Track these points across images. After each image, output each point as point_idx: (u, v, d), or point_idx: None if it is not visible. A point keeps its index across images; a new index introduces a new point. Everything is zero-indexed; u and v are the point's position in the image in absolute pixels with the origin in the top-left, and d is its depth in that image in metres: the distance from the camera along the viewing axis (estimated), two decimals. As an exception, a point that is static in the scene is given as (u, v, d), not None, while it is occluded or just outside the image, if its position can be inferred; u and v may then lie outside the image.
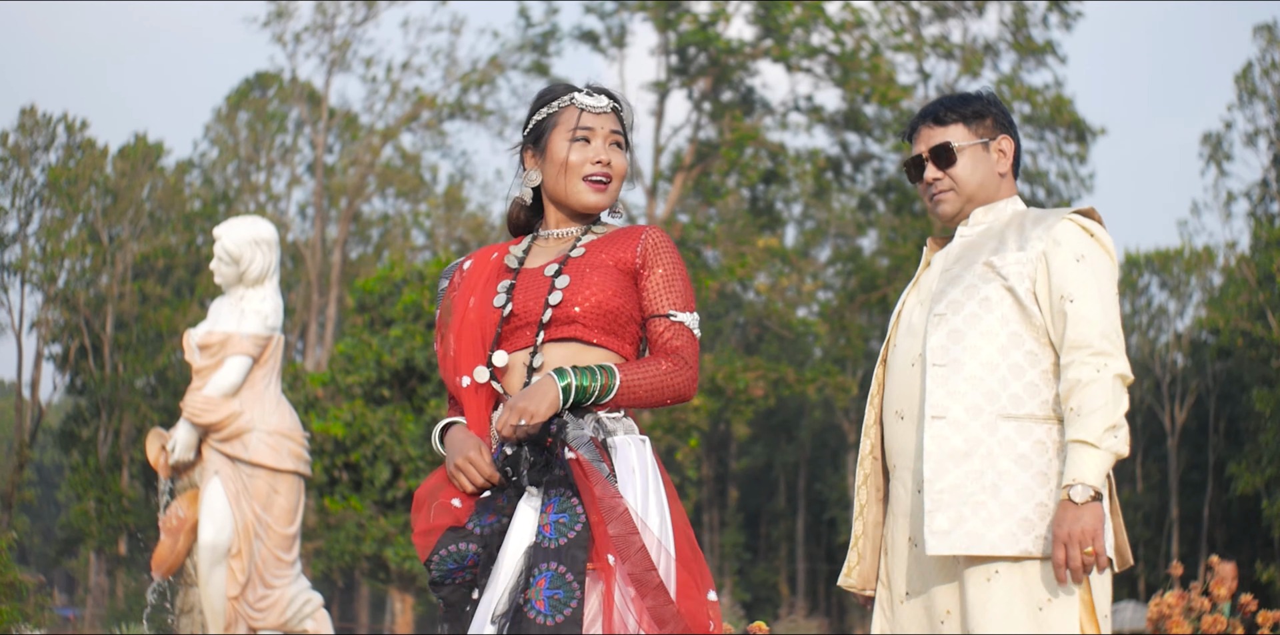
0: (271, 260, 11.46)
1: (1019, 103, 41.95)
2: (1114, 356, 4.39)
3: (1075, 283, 4.45)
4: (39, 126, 54.81)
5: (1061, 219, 4.57)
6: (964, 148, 4.72)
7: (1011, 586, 4.33)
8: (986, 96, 4.86)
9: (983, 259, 4.58)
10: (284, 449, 11.12)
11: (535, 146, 4.37)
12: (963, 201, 4.76)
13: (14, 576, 12.17)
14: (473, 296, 4.25)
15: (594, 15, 43.80)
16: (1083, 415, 4.30)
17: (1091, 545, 4.20)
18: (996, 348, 4.49)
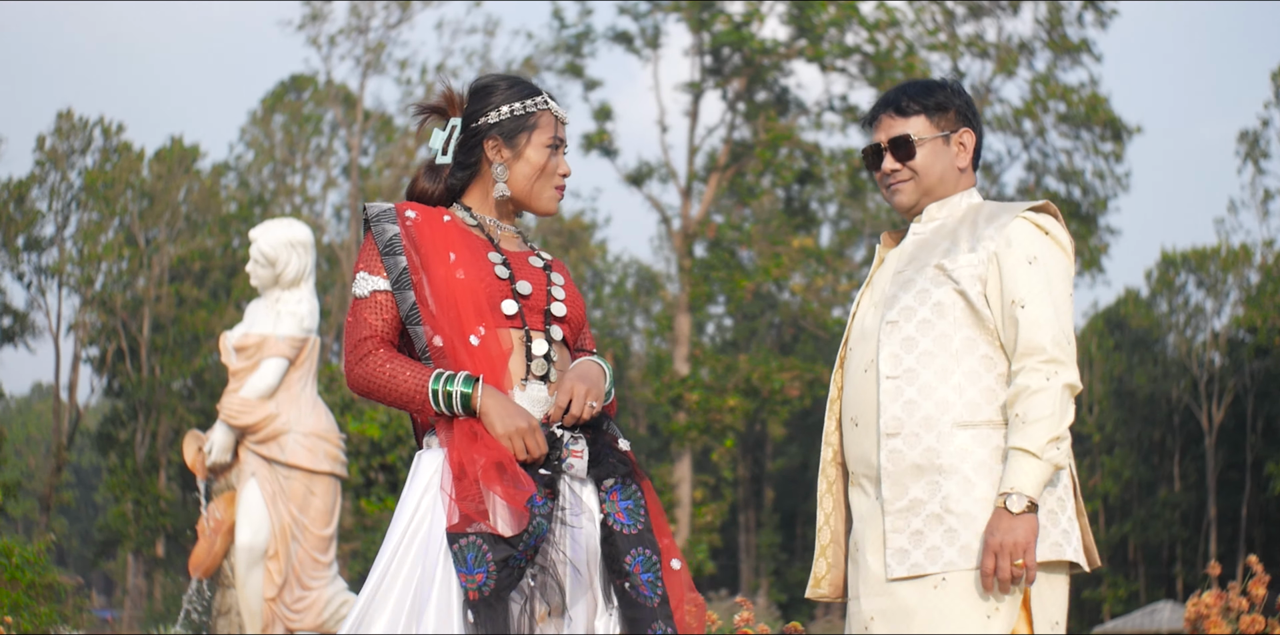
0: (307, 262, 11.49)
1: (1054, 101, 41.85)
2: (1065, 365, 4.28)
3: (1026, 287, 4.33)
4: (76, 130, 55.03)
5: (1015, 217, 4.44)
6: (924, 140, 4.60)
7: (960, 594, 4.23)
8: (951, 87, 4.72)
9: (935, 260, 4.45)
10: (320, 451, 11.15)
11: (505, 142, 4.32)
12: (919, 194, 4.62)
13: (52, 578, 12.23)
14: (452, 253, 4.18)
15: (628, 16, 43.78)
16: (1027, 423, 4.19)
17: (1022, 557, 4.10)
18: (950, 354, 4.37)
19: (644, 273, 61.60)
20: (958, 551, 4.22)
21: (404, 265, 4.17)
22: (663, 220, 44.77)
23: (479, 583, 3.88)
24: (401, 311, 4.16)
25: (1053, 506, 4.30)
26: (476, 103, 4.36)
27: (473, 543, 3.91)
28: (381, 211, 4.27)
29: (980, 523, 4.22)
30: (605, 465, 4.14)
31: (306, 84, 54.37)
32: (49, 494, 52.28)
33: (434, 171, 4.42)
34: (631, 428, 53.57)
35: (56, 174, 54.54)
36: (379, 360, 4.12)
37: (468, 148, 4.35)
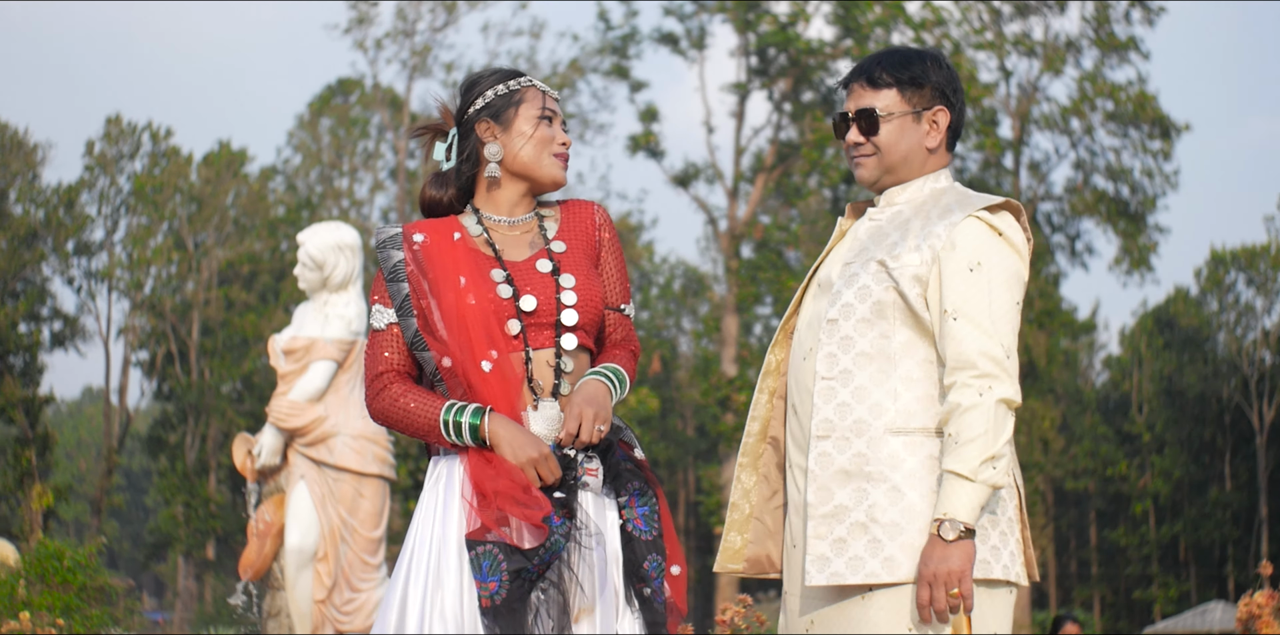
0: (355, 265, 11.52)
1: (1102, 100, 41.69)
2: (999, 379, 4.05)
3: (963, 296, 4.12)
4: (124, 135, 55.29)
5: (967, 216, 4.21)
6: (891, 116, 4.34)
7: (888, 607, 4.08)
8: (931, 59, 4.43)
9: (879, 256, 4.23)
10: (369, 453, 11.17)
11: (496, 121, 4.31)
12: (881, 171, 4.38)
13: (104, 581, 12.28)
14: (462, 277, 4.17)
15: (673, 17, 43.78)
16: (960, 444, 4.00)
17: (958, 587, 3.94)
18: (887, 357, 4.18)
19: (691, 274, 61.58)
20: (880, 563, 4.06)
21: (405, 292, 4.19)
22: (709, 221, 44.76)
23: (491, 591, 3.91)
24: (406, 339, 4.19)
25: (982, 523, 4.11)
26: (464, 98, 4.37)
27: (489, 551, 3.94)
28: (388, 238, 4.27)
29: (907, 534, 4.06)
30: (622, 477, 4.17)
31: (353, 87, 54.51)
32: (100, 497, 52.53)
33: (440, 179, 4.42)
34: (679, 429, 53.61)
35: (106, 179, 54.82)
36: (394, 394, 4.17)
37: (465, 139, 4.36)
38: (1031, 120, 42.31)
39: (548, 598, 3.96)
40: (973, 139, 41.97)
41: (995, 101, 41.89)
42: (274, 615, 11.17)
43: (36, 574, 11.79)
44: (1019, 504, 4.24)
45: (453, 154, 4.36)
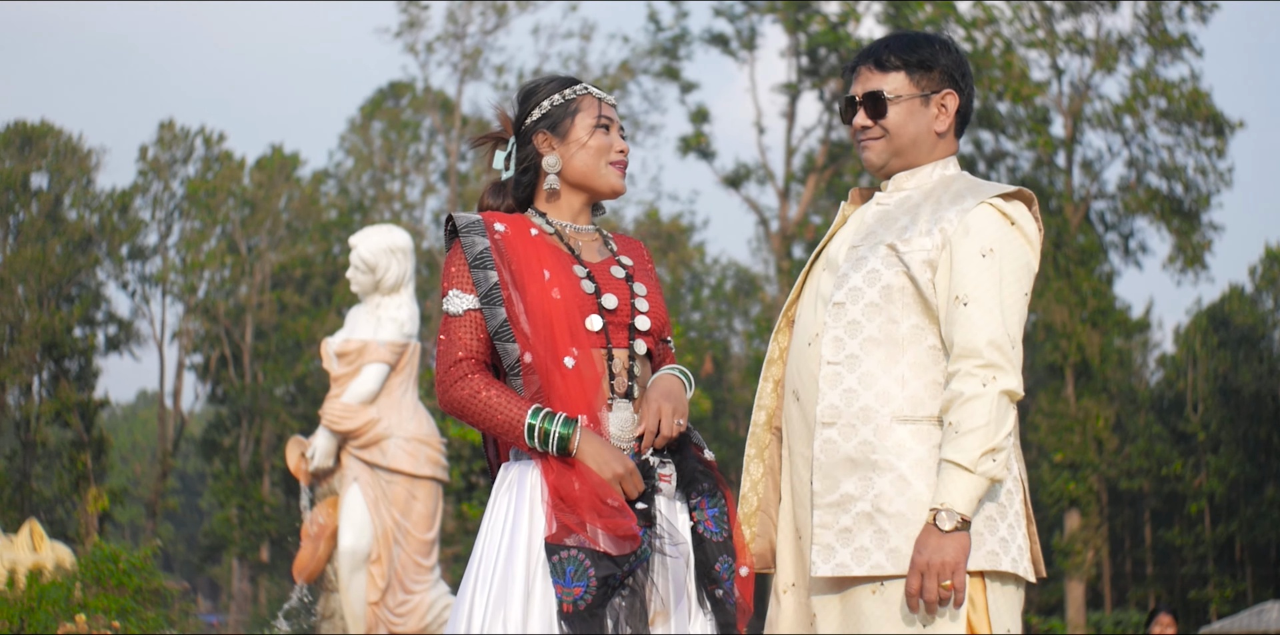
0: (407, 268, 11.53)
1: (1155, 97, 41.46)
2: (1004, 370, 3.98)
3: (973, 282, 4.04)
4: (178, 140, 55.58)
5: (980, 202, 4.14)
6: (900, 99, 4.28)
7: (898, 600, 3.99)
8: (941, 43, 4.36)
9: (889, 239, 4.16)
10: (422, 455, 11.18)
11: (553, 132, 4.28)
12: (890, 154, 4.32)
13: (159, 583, 12.33)
14: (546, 270, 4.13)
15: (723, 18, 43.77)
16: (960, 434, 3.93)
17: (950, 578, 3.86)
18: (895, 343, 4.10)
19: (742, 274, 61.49)
20: (886, 555, 4.00)
21: (494, 281, 4.13)
22: (761, 222, 44.72)
23: (576, 596, 3.86)
24: (490, 328, 4.12)
25: (991, 514, 4.04)
26: (521, 108, 4.35)
27: (573, 557, 3.89)
28: (470, 223, 4.21)
29: (914, 525, 3.98)
30: (694, 481, 4.15)
31: (404, 91, 54.62)
32: (155, 500, 52.78)
33: (498, 189, 4.39)
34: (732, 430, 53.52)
35: (159, 183, 55.10)
36: (475, 385, 4.09)
37: (523, 150, 4.33)
38: (1084, 118, 42.10)
39: (626, 603, 3.92)
40: (1025, 137, 41.81)
41: (1048, 100, 41.71)
42: (328, 617, 11.19)
43: (92, 577, 11.85)
44: (1024, 498, 4.17)
45: (511, 163, 4.34)
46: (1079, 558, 38.77)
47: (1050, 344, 40.91)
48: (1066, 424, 39.46)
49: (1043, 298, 39.82)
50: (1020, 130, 42.11)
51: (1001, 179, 43.71)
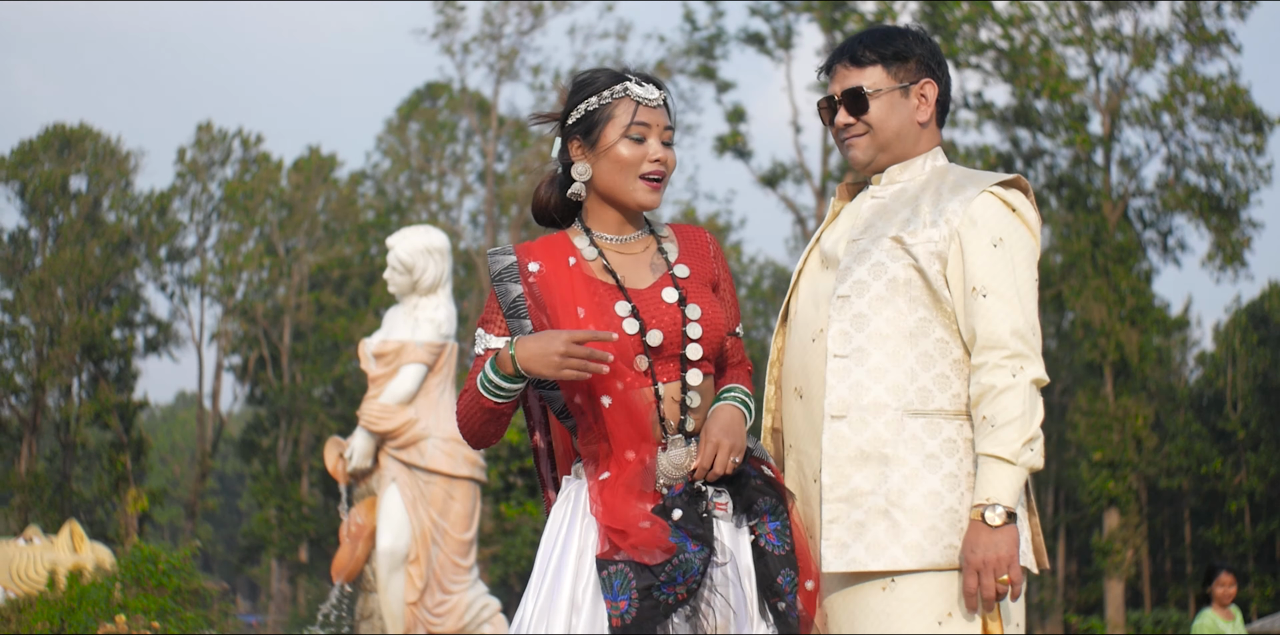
0: (444, 269, 11.55)
1: (1193, 94, 41.28)
2: (1030, 359, 3.98)
3: (989, 273, 4.04)
4: (215, 142, 55.76)
5: (981, 192, 4.13)
6: (879, 93, 4.25)
7: (911, 598, 3.96)
8: (913, 34, 4.37)
9: (892, 232, 4.13)
10: (459, 455, 11.20)
11: (585, 139, 4.12)
12: (876, 150, 4.28)
13: (198, 584, 12.35)
14: (581, 308, 3.99)
15: (759, 17, 43.73)
16: (997, 427, 3.91)
17: (1007, 573, 3.85)
18: (904, 335, 4.07)
19: (780, 274, 61.43)
20: (902, 549, 3.96)
21: (529, 329, 4.02)
22: (798, 221, 44.66)
23: (622, 610, 3.83)
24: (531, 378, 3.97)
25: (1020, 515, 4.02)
26: (568, 102, 4.21)
27: (620, 571, 3.85)
28: (504, 269, 4.09)
29: (927, 520, 3.96)
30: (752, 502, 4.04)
31: (441, 92, 54.70)
32: (194, 501, 52.96)
33: (554, 180, 4.26)
34: (770, 429, 53.43)
35: (197, 185, 55.29)
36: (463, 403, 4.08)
37: (562, 152, 4.20)
38: (1122, 116, 41.95)
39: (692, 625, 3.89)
40: (1063, 135, 41.68)
41: (1085, 97, 41.57)
42: (366, 617, 11.21)
43: (132, 577, 11.87)
44: (1028, 490, 4.14)
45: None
46: (1118, 557, 38.63)
47: (1089, 342, 40.78)
48: (1105, 423, 39.31)
49: (1081, 296, 39.71)
50: (1058, 128, 41.97)
51: (1040, 177, 43.62)
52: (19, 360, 50.07)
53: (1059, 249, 43.71)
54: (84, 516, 47.34)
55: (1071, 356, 46.35)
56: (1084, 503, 41.39)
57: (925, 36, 4.39)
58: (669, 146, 4.22)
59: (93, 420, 50.04)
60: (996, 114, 42.83)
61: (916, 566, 3.95)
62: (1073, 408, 41.83)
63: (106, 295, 52.19)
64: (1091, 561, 42.28)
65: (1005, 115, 42.78)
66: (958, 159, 41.99)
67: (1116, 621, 38.44)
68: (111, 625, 11.20)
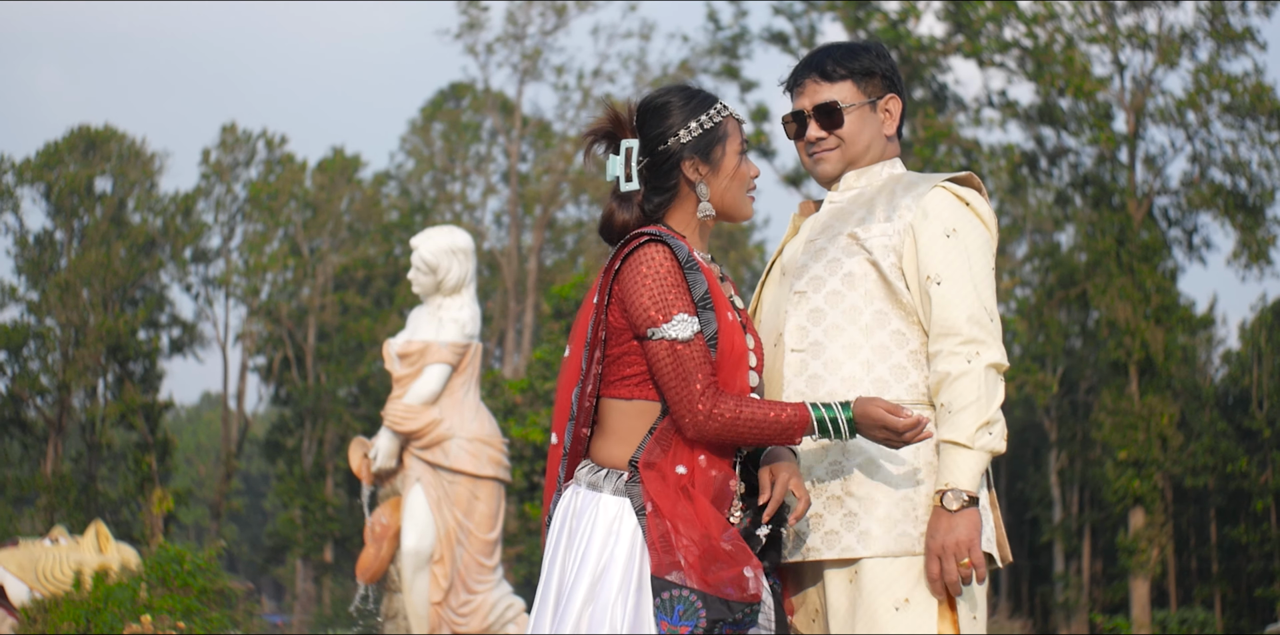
0: (468, 269, 11.54)
1: (1218, 92, 41.19)
2: (986, 344, 4.02)
3: (943, 262, 4.08)
4: (240, 143, 55.84)
5: (934, 186, 4.21)
6: (852, 108, 4.32)
7: (870, 586, 3.99)
8: (875, 50, 4.41)
9: (848, 229, 4.20)
10: (484, 455, 11.20)
11: (704, 159, 4.09)
12: (845, 163, 4.36)
13: (224, 584, 12.38)
14: (730, 313, 3.99)
15: (783, 16, 43.68)
16: (954, 413, 3.96)
17: (968, 556, 3.88)
18: (860, 328, 4.11)
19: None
20: (856, 538, 4.00)
21: (715, 325, 3.96)
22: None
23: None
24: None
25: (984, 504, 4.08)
26: (658, 123, 4.11)
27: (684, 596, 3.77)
28: (688, 258, 3.97)
29: (881, 508, 4.00)
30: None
31: (465, 92, 54.76)
32: (219, 501, 53.04)
33: (625, 200, 4.12)
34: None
35: (222, 186, 55.38)
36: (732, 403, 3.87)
37: (663, 172, 4.10)
38: (1146, 114, 41.86)
39: None
40: (1087, 133, 41.59)
41: (1109, 95, 41.48)
42: (391, 617, 11.22)
43: (157, 577, 11.90)
44: (989, 483, 4.17)
45: (633, 174, 4.10)
46: (1144, 556, 38.55)
47: (1114, 341, 40.70)
48: (1130, 421, 39.23)
49: (1106, 294, 39.63)
50: (1082, 126, 41.89)
51: (1065, 176, 43.56)
52: (45, 361, 50.20)
53: (1084, 247, 43.65)
54: (109, 517, 47.45)
55: (1096, 355, 46.24)
56: (1109, 502, 41.27)
57: (885, 52, 4.46)
58: None
59: (118, 421, 50.14)
60: (1021, 112, 42.76)
61: (869, 554, 3.99)
62: (1098, 406, 41.73)
63: (132, 296, 52.30)
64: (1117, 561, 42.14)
65: (1029, 113, 42.71)
66: (981, 158, 41.95)
67: (1142, 621, 38.34)
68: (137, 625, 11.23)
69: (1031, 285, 50.37)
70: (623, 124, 4.14)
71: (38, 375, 49.69)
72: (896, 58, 42.86)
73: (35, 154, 52.73)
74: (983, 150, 42.28)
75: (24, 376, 49.45)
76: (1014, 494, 56.71)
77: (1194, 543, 55.76)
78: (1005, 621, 37.36)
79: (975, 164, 42.36)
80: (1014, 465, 57.11)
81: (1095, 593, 48.25)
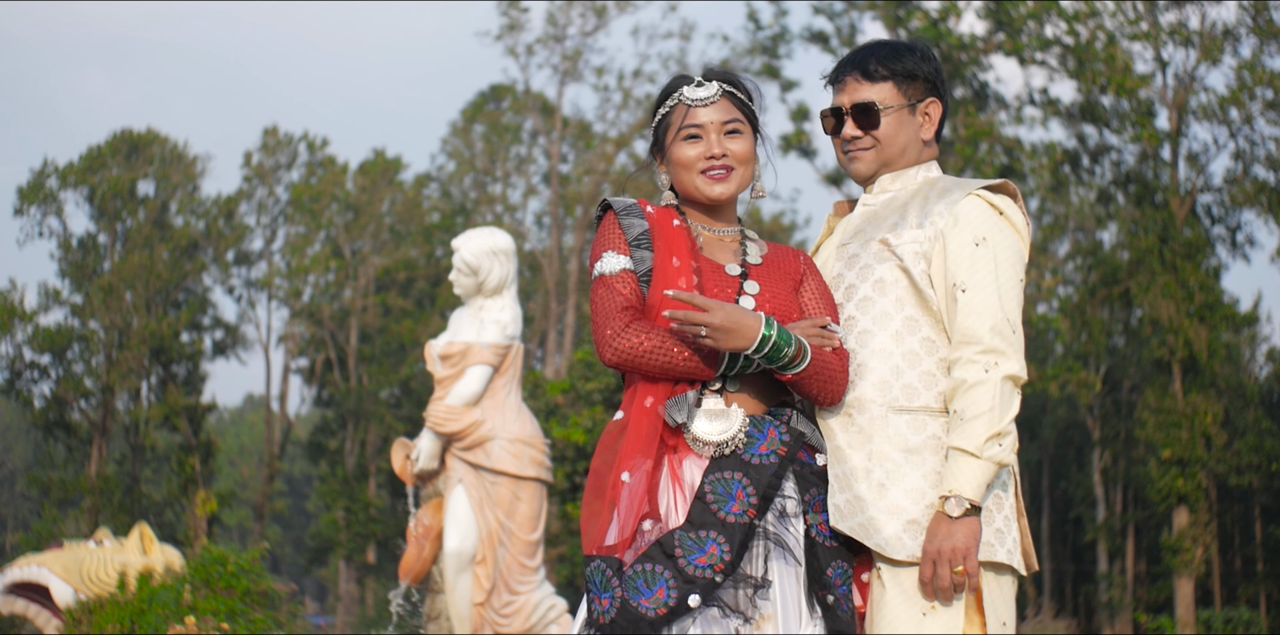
0: (509, 270, 11.55)
1: (1261, 88, 40.99)
2: (1005, 355, 4.01)
3: (970, 270, 4.08)
4: (281, 145, 56.00)
5: (967, 194, 4.20)
6: (890, 109, 4.33)
7: (894, 590, 3.99)
8: (920, 52, 4.44)
9: (880, 235, 4.21)
10: (526, 456, 11.20)
11: (661, 152, 4.35)
12: (879, 164, 4.38)
13: (267, 585, 12.40)
14: (675, 258, 4.17)
15: (823, 16, 43.60)
16: (965, 421, 3.95)
17: (962, 564, 3.87)
18: (891, 334, 4.13)
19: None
20: (882, 542, 4.00)
21: (649, 264, 4.17)
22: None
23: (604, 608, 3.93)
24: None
25: (988, 505, 4.04)
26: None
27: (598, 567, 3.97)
28: (628, 206, 4.28)
29: (908, 514, 4.00)
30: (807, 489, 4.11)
31: (505, 93, 54.80)
32: (262, 503, 53.20)
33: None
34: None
35: (264, 189, 55.54)
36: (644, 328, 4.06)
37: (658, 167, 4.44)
38: (1189, 111, 41.68)
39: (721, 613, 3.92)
40: (1129, 131, 41.43)
41: (1152, 93, 41.32)
42: (434, 618, 11.23)
43: (201, 579, 11.94)
44: (1016, 491, 4.17)
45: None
46: (1188, 555, 38.38)
47: (1157, 339, 40.54)
48: (1174, 420, 39.06)
49: (1149, 292, 39.48)
50: (1124, 124, 41.72)
51: (1107, 174, 43.40)
52: (89, 364, 50.40)
53: (1126, 245, 43.48)
54: (153, 519, 47.64)
55: (1140, 354, 46.04)
56: (1153, 501, 41.11)
57: (931, 55, 4.45)
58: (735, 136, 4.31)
59: (162, 423, 50.34)
60: (1062, 110, 42.61)
61: (899, 557, 3.98)
62: (1141, 405, 41.55)
63: (175, 299, 52.49)
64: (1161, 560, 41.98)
65: (1071, 111, 42.56)
66: (1022, 156, 41.83)
67: (1186, 620, 38.18)
68: (181, 627, 11.26)
69: (1074, 283, 50.19)
70: None
71: (82, 378, 49.90)
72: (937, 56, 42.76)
73: (78, 158, 52.96)
74: (1024, 148, 42.14)
75: (68, 379, 49.66)
76: (1057, 493, 56.54)
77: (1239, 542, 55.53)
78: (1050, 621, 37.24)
79: (1016, 162, 42.24)
80: (1057, 465, 56.95)
81: (1139, 592, 48.07)
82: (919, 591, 3.97)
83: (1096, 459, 49.80)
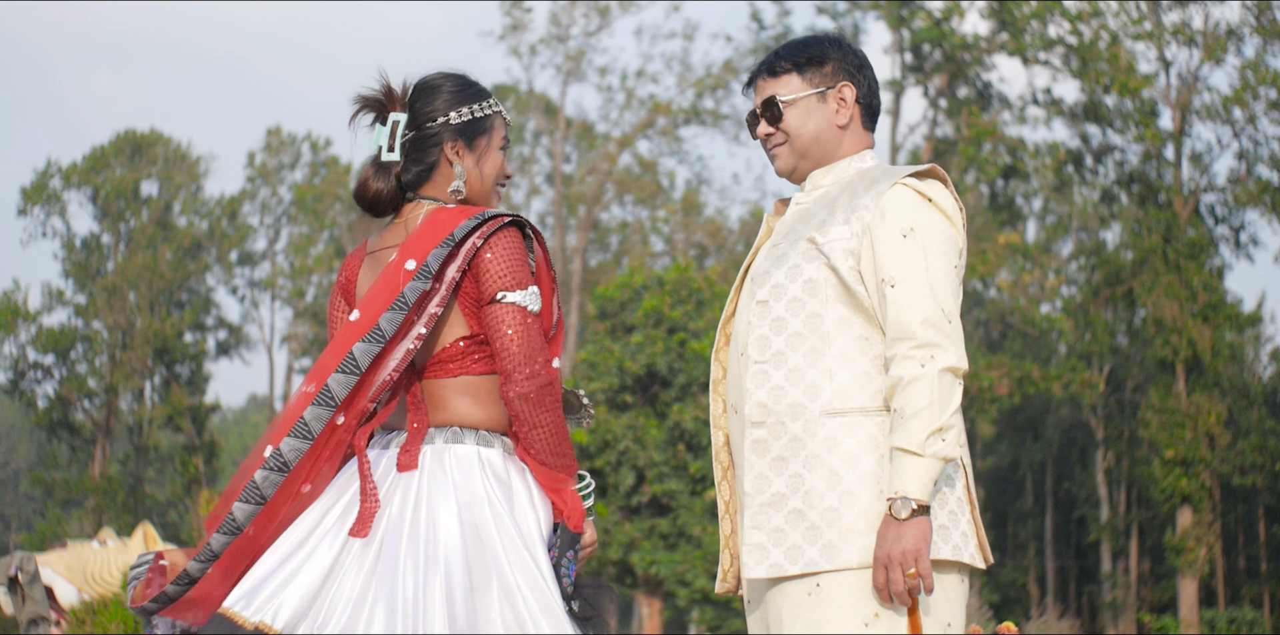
0: (512, 269, 11.53)
1: (1265, 88, 40.99)
2: (941, 347, 3.88)
3: (899, 263, 3.95)
4: (284, 146, 56.02)
5: (893, 184, 4.05)
6: (794, 100, 4.23)
7: (836, 600, 3.88)
8: (829, 39, 4.31)
9: (808, 234, 4.07)
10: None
11: (466, 144, 4.31)
12: (797, 156, 4.26)
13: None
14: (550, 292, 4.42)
15: (826, 16, 43.64)
16: (905, 419, 3.83)
17: (914, 566, 3.76)
18: (821, 335, 4.00)
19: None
20: (819, 551, 3.89)
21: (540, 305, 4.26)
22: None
23: None
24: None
25: (953, 507, 3.96)
26: (426, 102, 4.31)
27: None
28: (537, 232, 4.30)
29: (845, 518, 3.89)
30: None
31: (508, 93, 54.81)
32: (267, 503, 53.16)
33: (383, 169, 4.31)
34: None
35: (267, 189, 55.59)
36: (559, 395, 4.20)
37: (425, 148, 4.29)
38: (1192, 111, 41.69)
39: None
40: (1133, 130, 41.43)
41: (1155, 92, 41.31)
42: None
43: (205, 579, 11.93)
44: (966, 484, 4.06)
45: (395, 146, 4.30)
46: (1192, 555, 38.40)
47: (1160, 339, 40.53)
48: (1178, 420, 39.07)
49: (1152, 292, 39.48)
50: (1128, 123, 41.74)
51: (1110, 174, 43.40)
52: (92, 364, 50.45)
53: (1130, 245, 43.47)
54: (157, 519, 47.67)
55: (1143, 353, 46.06)
56: (1157, 501, 41.12)
57: (843, 41, 4.36)
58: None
59: (165, 423, 50.38)
60: (1066, 110, 42.63)
61: (832, 567, 3.89)
62: (1145, 405, 41.56)
63: (178, 299, 52.53)
64: (1165, 560, 42.00)
65: (1075, 111, 42.58)
66: (1026, 156, 41.83)
67: (1190, 620, 38.19)
68: (185, 627, 11.25)
69: (1077, 283, 50.18)
70: (395, 99, 4.33)
71: (85, 378, 49.94)
72: (939, 57, 42.83)
73: (82, 158, 53.01)
74: (1028, 148, 42.16)
75: (72, 379, 49.71)
76: (1061, 493, 56.54)
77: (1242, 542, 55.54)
78: (1054, 622, 37.23)
79: (1020, 162, 42.26)
80: (1061, 464, 56.94)
81: (1143, 592, 48.07)
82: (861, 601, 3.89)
83: (1100, 459, 49.81)
